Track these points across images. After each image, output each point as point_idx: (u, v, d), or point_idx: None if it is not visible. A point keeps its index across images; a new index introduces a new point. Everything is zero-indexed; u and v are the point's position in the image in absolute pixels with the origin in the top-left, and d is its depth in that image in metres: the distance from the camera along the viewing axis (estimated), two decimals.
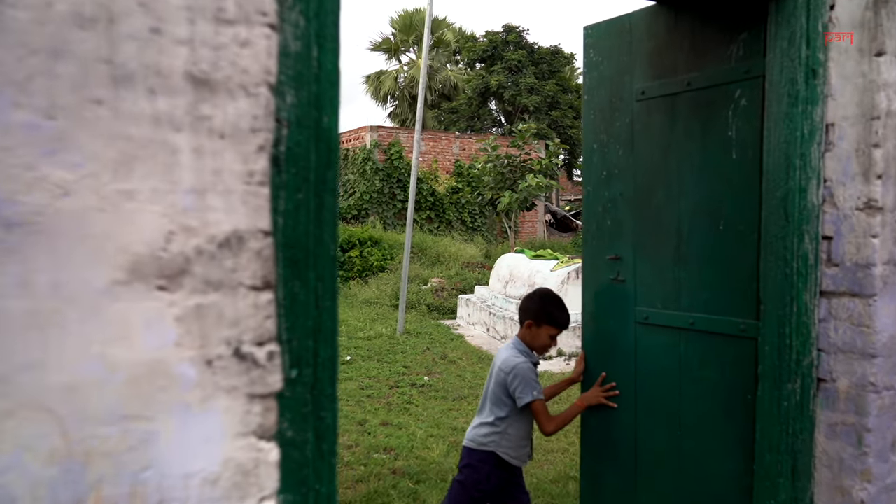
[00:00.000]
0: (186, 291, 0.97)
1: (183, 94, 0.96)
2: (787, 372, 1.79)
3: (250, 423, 1.02)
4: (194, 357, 0.97)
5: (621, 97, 2.22)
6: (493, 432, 2.37)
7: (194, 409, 0.98)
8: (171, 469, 0.97)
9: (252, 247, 1.01)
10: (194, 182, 0.97)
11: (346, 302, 10.22)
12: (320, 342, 1.23)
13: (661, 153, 2.13)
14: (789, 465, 1.80)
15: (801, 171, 1.77)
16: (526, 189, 11.16)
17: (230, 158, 0.99)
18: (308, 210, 1.20)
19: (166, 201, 0.95)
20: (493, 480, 2.36)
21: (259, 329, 1.02)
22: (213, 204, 0.98)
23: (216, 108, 0.98)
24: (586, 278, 2.36)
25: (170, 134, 0.95)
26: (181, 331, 0.96)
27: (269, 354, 1.03)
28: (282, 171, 1.16)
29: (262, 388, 1.02)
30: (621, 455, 2.26)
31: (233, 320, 1.00)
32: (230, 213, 0.99)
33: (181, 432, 0.97)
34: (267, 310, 1.03)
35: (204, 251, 0.98)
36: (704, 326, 2.02)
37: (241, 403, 1.01)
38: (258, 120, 1.01)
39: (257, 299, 1.01)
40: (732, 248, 1.96)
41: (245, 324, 1.01)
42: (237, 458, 1.01)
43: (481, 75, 26.16)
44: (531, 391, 2.29)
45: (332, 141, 1.23)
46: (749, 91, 1.91)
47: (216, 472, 0.99)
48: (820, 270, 1.79)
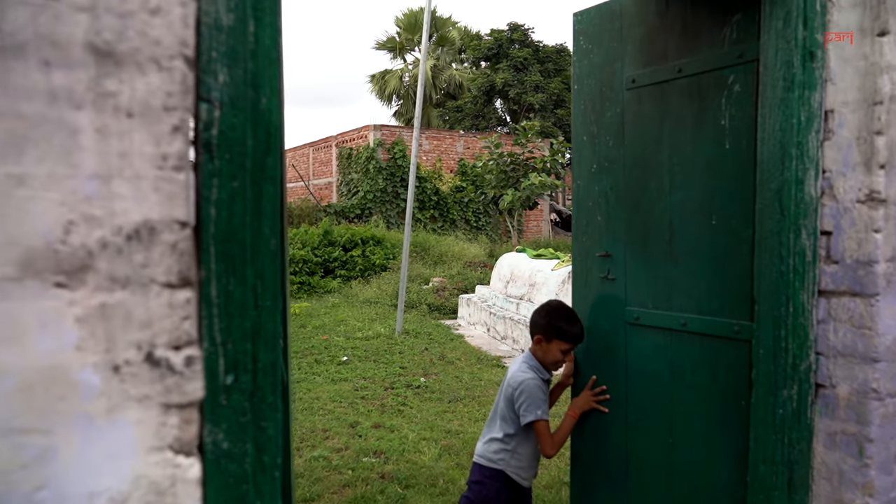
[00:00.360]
0: (89, 289, 0.86)
1: (83, 68, 0.85)
2: (783, 377, 1.67)
3: (166, 436, 0.91)
4: (98, 362, 0.86)
5: (611, 86, 2.10)
6: (502, 449, 2.28)
7: (99, 421, 0.87)
8: (72, 488, 0.86)
9: (166, 239, 0.90)
10: (98, 166, 0.86)
11: (346, 302, 10.13)
12: (259, 345, 1.12)
13: (653, 144, 2.00)
14: (785, 476, 1.68)
15: (798, 161, 1.64)
16: (529, 188, 11.02)
17: (140, 140, 0.88)
18: (244, 200, 1.09)
19: (65, 188, 0.85)
20: (502, 498, 2.26)
21: (175, 331, 0.91)
22: (120, 191, 0.87)
23: (123, 84, 0.87)
24: (576, 276, 2.25)
25: (68, 112, 0.84)
26: (83, 333, 0.86)
27: (187, 360, 0.92)
28: (214, 156, 1.05)
29: (180, 396, 0.92)
30: (611, 464, 2.14)
31: (144, 322, 0.89)
32: (140, 202, 0.88)
33: (83, 447, 0.86)
34: (185, 310, 0.92)
35: (109, 244, 0.87)
36: (697, 328, 1.90)
37: (154, 414, 0.90)
38: (173, 97, 0.90)
39: (172, 298, 0.91)
40: (726, 245, 1.84)
41: (159, 325, 0.90)
42: (150, 476, 0.90)
43: (486, 74, 26.05)
44: (535, 410, 2.18)
45: (272, 124, 1.11)
46: (743, 76, 1.79)
47: (125, 491, 0.88)
48: (818, 268, 1.67)
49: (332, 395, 5.23)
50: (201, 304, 1.02)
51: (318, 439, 4.21)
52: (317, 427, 4.44)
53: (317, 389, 5.39)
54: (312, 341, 7.26)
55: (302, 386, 5.49)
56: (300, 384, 5.54)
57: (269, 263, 1.13)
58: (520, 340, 7.08)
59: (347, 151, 18.21)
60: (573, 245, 2.24)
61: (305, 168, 21.20)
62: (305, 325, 8.18)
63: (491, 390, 5.50)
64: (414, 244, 12.66)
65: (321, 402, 5.02)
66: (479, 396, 5.32)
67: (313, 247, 11.89)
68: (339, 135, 19.21)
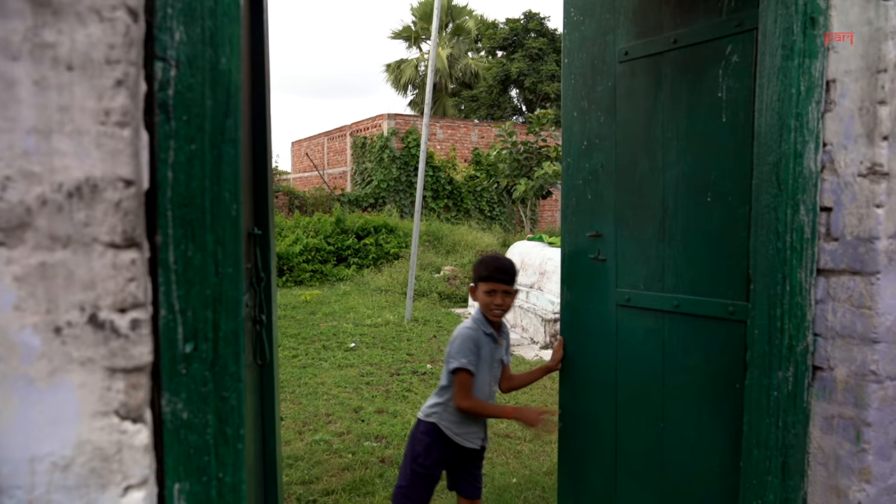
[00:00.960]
0: (28, 247, 0.83)
1: (19, 17, 0.82)
2: (779, 359, 1.61)
3: (111, 401, 0.88)
4: (39, 323, 0.84)
5: (603, 59, 2.04)
6: (436, 402, 2.22)
7: (40, 384, 0.84)
8: (11, 452, 0.83)
9: (109, 197, 0.87)
10: (36, 121, 0.83)
11: (357, 290, 10.14)
12: (221, 313, 1.09)
13: (645, 119, 1.94)
14: (779, 461, 1.62)
15: (797, 134, 1.57)
16: (542, 177, 10.91)
17: (81, 94, 0.85)
18: (203, 163, 1.06)
19: (1, 142, 0.82)
20: (433, 455, 2.18)
21: (120, 293, 0.88)
22: (60, 147, 0.84)
23: (62, 35, 0.84)
24: (565, 258, 2.19)
25: (4, 63, 0.81)
26: (22, 293, 0.83)
27: (132, 322, 0.89)
28: (170, 118, 1.02)
29: (125, 361, 0.89)
30: (601, 449, 2.09)
31: (87, 282, 0.86)
32: (82, 158, 0.85)
33: (23, 410, 0.84)
34: (130, 271, 0.88)
35: (49, 201, 0.84)
36: (690, 309, 1.84)
37: (98, 378, 0.87)
38: (115, 50, 0.86)
39: (117, 259, 0.87)
40: (721, 223, 1.78)
41: (102, 287, 0.87)
42: (95, 441, 0.87)
43: (502, 63, 25.85)
44: (460, 358, 2.10)
45: (233, 85, 1.08)
46: (741, 46, 1.72)
47: (68, 456, 0.86)
48: (817, 245, 1.60)
49: (338, 380, 5.23)
50: (157, 269, 1.00)
51: (320, 423, 4.21)
52: (320, 411, 4.44)
53: (322, 375, 5.39)
54: (321, 328, 7.27)
55: (308, 371, 5.49)
56: (306, 369, 5.55)
57: (231, 229, 1.09)
58: (529, 329, 7.03)
59: (361, 140, 18.20)
60: (562, 225, 2.18)
61: (320, 157, 21.23)
62: (315, 313, 8.20)
63: None
64: (427, 233, 12.63)
65: (326, 387, 5.02)
66: None
67: (326, 235, 11.90)
68: (354, 124, 19.19)
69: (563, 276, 2.20)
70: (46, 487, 0.85)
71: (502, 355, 2.26)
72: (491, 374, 2.22)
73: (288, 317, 7.87)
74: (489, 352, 2.19)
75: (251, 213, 1.93)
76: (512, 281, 2.17)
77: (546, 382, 5.34)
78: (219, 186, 1.07)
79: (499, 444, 3.90)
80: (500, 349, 2.24)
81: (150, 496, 0.92)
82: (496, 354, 2.22)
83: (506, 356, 2.29)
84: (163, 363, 1.01)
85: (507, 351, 2.30)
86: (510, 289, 2.17)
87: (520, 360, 6.05)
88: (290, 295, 9.49)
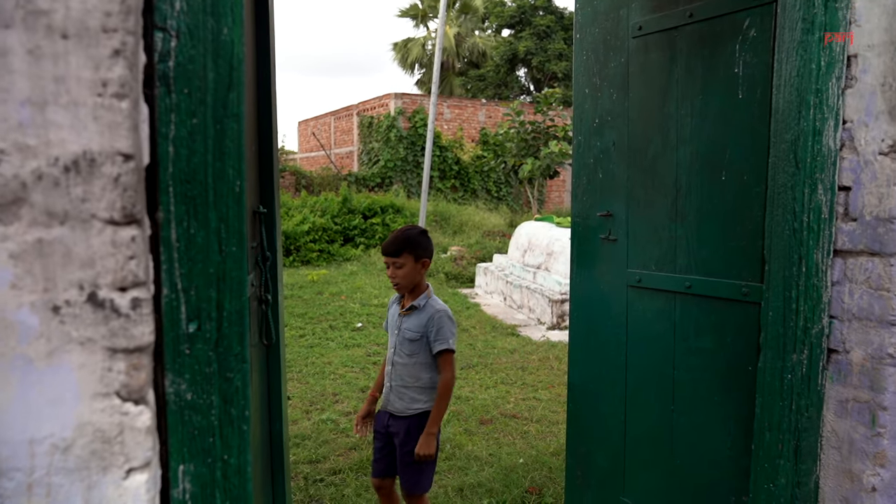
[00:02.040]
0: (24, 224, 0.81)
1: None
2: (793, 341, 1.58)
3: (112, 381, 0.86)
4: (36, 302, 0.82)
5: (616, 34, 1.98)
6: None
7: (38, 364, 0.82)
8: (11, 434, 0.82)
9: (107, 172, 0.84)
10: (31, 92, 0.80)
11: (364, 270, 10.14)
12: (225, 293, 1.07)
13: (659, 96, 1.89)
14: (792, 444, 1.60)
15: (816, 110, 1.52)
16: (549, 156, 10.83)
17: (77, 64, 0.81)
18: (205, 138, 1.03)
19: None
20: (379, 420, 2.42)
21: (120, 271, 0.86)
22: (55, 119, 0.81)
23: (56, 2, 0.80)
24: (575, 238, 2.15)
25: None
26: (19, 271, 0.81)
27: (133, 301, 0.87)
28: (171, 90, 0.99)
29: (126, 341, 0.86)
30: (610, 433, 2.08)
31: (85, 260, 0.83)
32: (79, 131, 0.82)
33: (22, 391, 0.82)
34: (130, 248, 0.86)
35: (45, 175, 0.81)
36: (702, 290, 1.81)
37: (98, 359, 0.85)
38: (112, 18, 0.83)
39: (116, 236, 0.85)
40: (736, 202, 1.74)
41: (102, 265, 0.84)
42: (95, 423, 0.85)
43: (509, 41, 25.54)
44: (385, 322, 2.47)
45: (235, 57, 1.04)
46: (759, 20, 1.66)
47: (68, 438, 0.84)
48: (834, 226, 1.56)
49: (345, 360, 5.24)
50: (159, 246, 0.97)
51: (327, 402, 4.22)
52: (327, 391, 4.45)
53: (329, 354, 5.40)
54: (328, 307, 7.28)
55: (315, 351, 5.50)
56: (313, 349, 5.56)
57: (234, 206, 1.07)
58: (536, 309, 7.02)
59: (368, 120, 18.09)
60: (572, 204, 2.14)
61: (327, 137, 21.14)
62: (322, 292, 8.21)
63: (504, 358, 5.46)
64: (433, 213, 12.59)
65: (333, 367, 5.03)
66: (492, 364, 5.28)
67: (333, 215, 11.88)
68: (361, 103, 19.06)
69: (573, 256, 2.17)
70: (46, 470, 0.84)
71: (402, 325, 2.33)
72: (395, 338, 2.36)
73: (295, 296, 7.88)
74: (392, 315, 2.42)
75: (256, 190, 1.90)
76: (395, 253, 2.26)
77: (553, 363, 5.34)
78: (222, 162, 1.04)
79: (506, 424, 3.90)
80: (403, 319, 2.34)
81: (154, 478, 0.90)
82: (399, 323, 2.35)
83: (409, 332, 2.32)
84: (166, 343, 0.99)
85: (415, 329, 2.32)
86: (396, 261, 2.26)
87: (526, 341, 6.04)
88: (297, 275, 9.50)
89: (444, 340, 2.26)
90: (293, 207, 12.12)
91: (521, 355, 5.57)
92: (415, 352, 2.30)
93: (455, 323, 2.34)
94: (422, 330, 2.28)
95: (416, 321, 2.29)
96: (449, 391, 2.28)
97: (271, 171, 1.94)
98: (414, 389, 2.29)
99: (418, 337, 2.29)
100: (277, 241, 1.97)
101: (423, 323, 2.28)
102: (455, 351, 2.31)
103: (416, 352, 2.30)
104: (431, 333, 2.27)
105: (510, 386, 4.71)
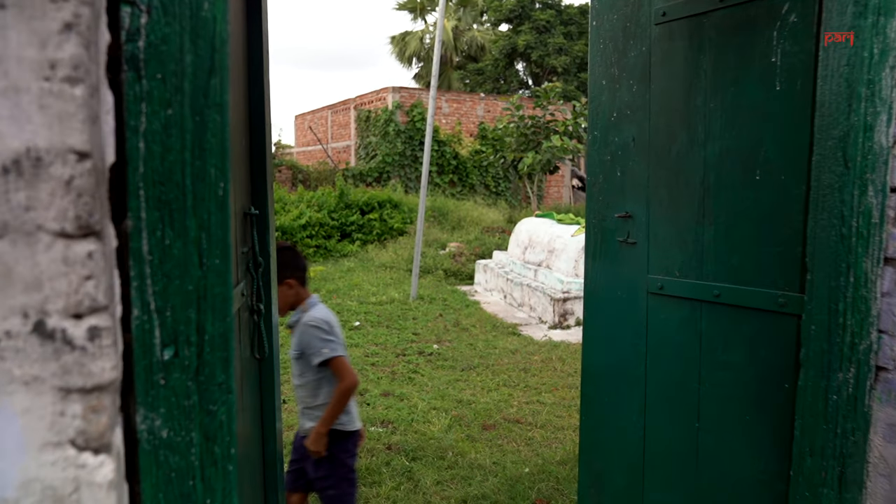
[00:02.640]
0: None
1: None
2: (839, 358, 1.44)
3: (65, 428, 0.71)
4: None
5: (637, 21, 1.83)
6: None
7: None
8: None
9: (57, 173, 0.68)
10: None
11: (362, 266, 9.99)
12: (206, 313, 0.91)
13: (684, 88, 1.74)
14: (836, 471, 1.45)
15: (868, 104, 1.37)
16: (549, 150, 10.67)
17: (17, 40, 0.66)
18: (183, 132, 0.87)
19: None
20: None
21: (74, 295, 0.70)
22: None
23: None
24: (590, 240, 2.00)
25: None
26: None
27: (90, 331, 0.71)
28: (141, 75, 0.83)
29: (83, 379, 0.71)
30: (627, 449, 1.93)
31: (31, 282, 0.68)
32: (20, 124, 0.67)
33: None
34: (86, 267, 0.71)
35: None
36: (732, 299, 1.66)
37: (48, 401, 0.70)
38: None
39: (69, 251, 0.70)
40: (771, 204, 1.59)
41: (51, 287, 0.69)
42: (45, 479, 0.70)
43: (508, 36, 25.35)
44: None
45: (217, 37, 0.88)
46: (800, 4, 1.51)
47: (11, 499, 0.69)
48: (885, 231, 1.41)
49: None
50: (128, 260, 0.82)
51: None
52: None
53: None
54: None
55: None
56: None
57: (217, 212, 0.91)
58: (537, 308, 6.88)
59: (366, 114, 17.89)
60: (587, 205, 1.99)
61: (324, 131, 20.93)
62: (319, 290, 8.06)
63: (506, 358, 5.33)
64: (432, 209, 12.43)
65: None
66: (493, 365, 5.14)
67: (330, 210, 11.71)
68: (358, 97, 18.85)
69: (588, 259, 2.02)
70: None
71: (292, 346, 2.23)
72: None
73: None
74: None
75: (248, 191, 1.75)
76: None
77: (555, 364, 5.20)
78: (202, 160, 0.89)
79: (509, 430, 3.77)
80: (292, 338, 2.23)
81: None
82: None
83: (292, 351, 2.23)
84: (137, 373, 0.84)
85: (295, 347, 2.21)
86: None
87: (528, 341, 5.91)
88: None
89: (317, 352, 2.14)
90: (290, 202, 11.95)
91: (523, 356, 5.43)
92: (303, 371, 2.21)
93: (330, 324, 2.19)
94: (300, 347, 2.20)
95: (295, 339, 2.22)
96: (344, 394, 2.15)
97: (264, 169, 1.78)
98: (317, 409, 2.20)
99: (298, 355, 2.21)
100: (271, 246, 1.82)
101: (297, 340, 2.21)
102: (341, 354, 2.16)
103: (304, 371, 2.21)
104: (306, 349, 2.18)
105: (513, 388, 4.57)
